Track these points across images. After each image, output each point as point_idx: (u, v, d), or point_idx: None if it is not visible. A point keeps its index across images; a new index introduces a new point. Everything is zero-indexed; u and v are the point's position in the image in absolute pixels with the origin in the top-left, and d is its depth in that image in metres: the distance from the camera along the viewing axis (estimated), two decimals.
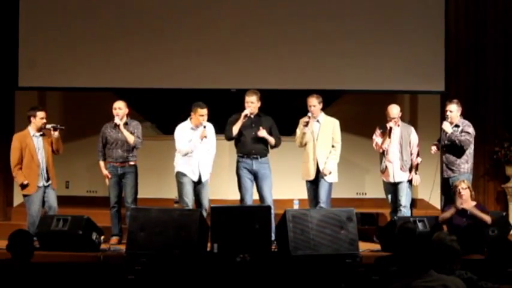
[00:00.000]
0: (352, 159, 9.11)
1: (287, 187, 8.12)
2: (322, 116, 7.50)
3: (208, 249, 6.51)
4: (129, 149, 7.50)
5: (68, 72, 8.82)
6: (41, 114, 7.35)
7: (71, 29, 8.85)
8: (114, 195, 7.51)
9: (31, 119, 7.34)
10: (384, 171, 7.61)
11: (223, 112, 7.54)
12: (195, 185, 7.31)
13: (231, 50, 8.82)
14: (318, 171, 7.37)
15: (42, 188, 7.32)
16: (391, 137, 7.49)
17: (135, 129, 7.55)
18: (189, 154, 7.24)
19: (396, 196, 7.52)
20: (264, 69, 8.79)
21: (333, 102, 9.23)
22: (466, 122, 7.51)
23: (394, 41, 8.84)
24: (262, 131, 7.31)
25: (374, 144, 7.69)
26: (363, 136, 8.79)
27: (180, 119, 7.58)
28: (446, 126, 7.39)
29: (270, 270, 6.11)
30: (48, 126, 7.39)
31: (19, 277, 4.47)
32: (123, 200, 7.54)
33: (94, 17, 8.87)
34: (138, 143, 7.51)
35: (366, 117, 9.00)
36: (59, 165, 7.81)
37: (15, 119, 8.97)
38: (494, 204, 8.97)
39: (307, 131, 7.39)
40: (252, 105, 7.34)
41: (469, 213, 6.84)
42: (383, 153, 7.61)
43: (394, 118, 7.50)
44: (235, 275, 5.95)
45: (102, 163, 7.57)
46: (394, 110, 7.54)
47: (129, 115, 7.67)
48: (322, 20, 8.84)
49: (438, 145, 7.54)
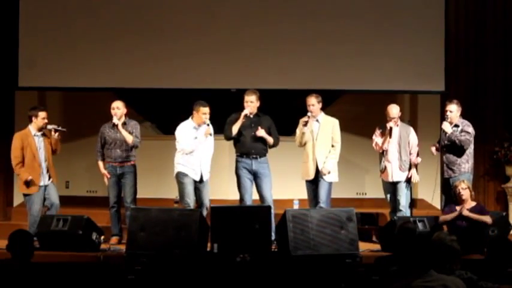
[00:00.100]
0: (352, 159, 9.11)
1: (287, 187, 8.11)
2: (322, 115, 7.50)
3: (208, 249, 6.51)
4: (128, 148, 7.50)
5: (68, 72, 8.83)
6: (42, 114, 7.36)
7: (70, 29, 8.86)
8: (113, 195, 7.51)
9: (32, 119, 7.34)
10: (383, 171, 7.61)
11: (223, 112, 7.54)
12: (196, 184, 7.30)
13: (231, 50, 8.82)
14: (317, 171, 7.37)
15: (43, 187, 7.33)
16: (391, 136, 7.50)
17: (134, 129, 7.55)
18: (191, 153, 7.23)
19: (395, 196, 7.52)
20: (264, 69, 8.79)
21: (333, 102, 9.23)
22: (465, 121, 7.51)
23: (394, 41, 8.84)
24: (260, 131, 7.31)
25: (374, 144, 7.69)
26: (363, 136, 8.78)
27: (180, 119, 7.58)
28: (446, 127, 7.39)
29: (270, 270, 6.11)
30: (50, 127, 7.39)
31: (19, 277, 4.47)
32: (123, 200, 7.54)
33: (94, 17, 8.87)
34: (136, 142, 7.51)
35: (366, 117, 9.01)
36: (59, 165, 7.81)
37: (15, 119, 8.97)
38: (494, 204, 8.97)
39: (307, 131, 7.38)
40: (251, 105, 7.35)
41: (467, 217, 6.82)
42: (382, 153, 7.61)
43: (394, 118, 7.51)
44: (235, 275, 5.95)
45: (101, 163, 7.57)
46: (394, 110, 7.55)
47: (128, 115, 7.67)
48: (322, 20, 8.84)
49: (438, 146, 7.54)
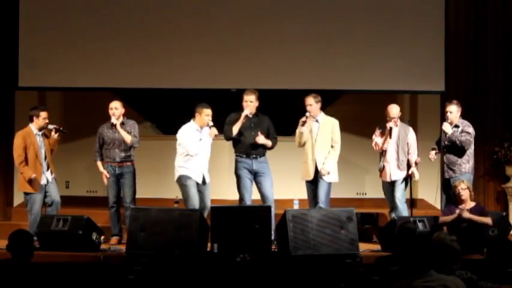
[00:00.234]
0: (352, 159, 9.11)
1: (287, 187, 8.11)
2: (322, 116, 7.49)
3: (208, 249, 6.51)
4: (127, 148, 7.49)
5: (68, 72, 8.83)
6: (44, 114, 7.37)
7: (70, 29, 8.85)
8: (112, 195, 7.50)
9: (34, 119, 7.34)
10: (382, 171, 7.61)
11: (223, 112, 7.53)
12: (199, 186, 7.27)
13: (231, 50, 8.82)
14: (316, 171, 7.36)
15: (44, 186, 7.33)
16: (391, 136, 7.50)
17: (132, 129, 7.55)
18: (195, 156, 7.21)
19: (393, 195, 7.52)
20: (264, 69, 8.79)
21: (333, 102, 9.23)
22: (465, 122, 7.51)
23: (394, 41, 8.84)
24: (260, 138, 7.31)
25: (374, 144, 7.69)
26: (363, 136, 8.78)
27: (180, 119, 7.57)
28: (447, 127, 7.39)
29: (270, 270, 6.11)
30: (51, 127, 7.40)
31: (19, 277, 4.47)
32: (122, 200, 7.53)
33: (94, 17, 8.87)
34: (135, 142, 7.51)
35: (366, 117, 9.00)
36: (59, 165, 7.81)
37: (15, 119, 8.97)
38: (494, 204, 8.98)
39: (305, 131, 7.38)
40: (251, 105, 7.35)
41: (467, 219, 6.80)
42: (382, 153, 7.61)
43: (393, 118, 7.51)
44: (235, 275, 5.95)
45: (99, 163, 7.56)
46: (394, 109, 7.55)
47: (125, 115, 7.66)
48: (322, 20, 8.84)
49: (436, 149, 7.54)
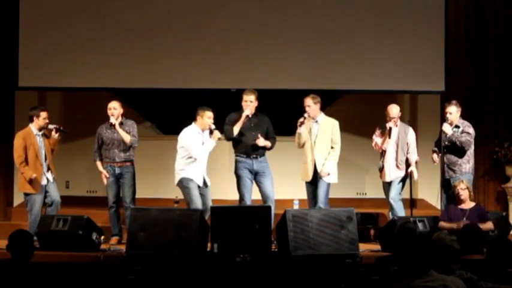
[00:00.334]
0: (352, 159, 9.11)
1: (287, 187, 8.11)
2: (322, 116, 7.48)
3: (208, 249, 6.51)
4: (126, 148, 7.49)
5: (68, 72, 8.82)
6: (44, 114, 7.37)
7: (70, 29, 8.85)
8: (112, 195, 7.50)
9: (34, 119, 7.34)
10: (381, 171, 7.61)
11: (223, 112, 7.53)
12: (200, 189, 7.27)
13: (231, 50, 8.82)
14: (316, 172, 7.36)
15: (44, 186, 7.33)
16: (390, 136, 7.50)
17: (131, 128, 7.55)
18: (200, 158, 7.22)
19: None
20: (264, 69, 8.78)
21: (333, 102, 9.23)
22: (466, 122, 7.51)
23: (394, 41, 8.84)
24: (260, 140, 7.32)
25: (374, 144, 7.69)
26: (363, 136, 8.78)
27: (179, 119, 7.58)
28: (447, 128, 7.38)
29: (270, 270, 6.11)
30: (51, 127, 7.40)
31: (19, 277, 4.47)
32: (122, 200, 7.53)
33: (94, 17, 8.87)
34: (134, 141, 7.51)
35: (366, 117, 9.01)
36: (59, 165, 7.81)
37: (15, 119, 8.98)
38: (494, 204, 8.98)
39: (303, 132, 7.37)
40: (251, 105, 7.35)
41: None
42: (382, 153, 7.61)
43: (393, 118, 7.51)
44: (235, 275, 5.95)
45: (98, 163, 7.56)
46: (393, 109, 7.55)
47: (124, 115, 7.66)
48: (322, 20, 8.84)
49: (437, 151, 7.53)
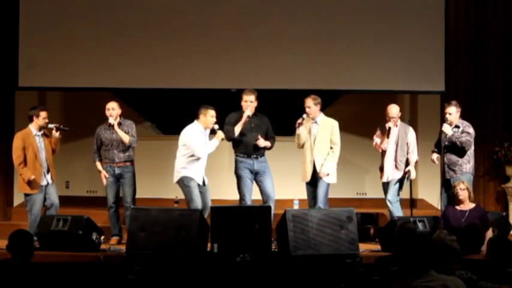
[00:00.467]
0: (352, 159, 9.11)
1: (287, 187, 8.11)
2: (321, 117, 7.47)
3: (208, 249, 6.51)
4: (125, 149, 7.49)
5: (68, 72, 8.82)
6: (43, 114, 7.37)
7: (70, 29, 8.85)
8: (111, 195, 7.50)
9: (34, 119, 7.34)
10: (382, 171, 7.61)
11: (224, 112, 7.53)
12: (200, 188, 7.27)
13: (231, 50, 8.82)
14: (315, 172, 7.35)
15: (44, 187, 7.33)
16: (389, 137, 7.50)
17: (130, 129, 7.55)
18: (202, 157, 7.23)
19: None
20: (264, 69, 8.78)
21: (333, 102, 9.23)
22: (465, 122, 7.51)
23: (394, 41, 8.84)
24: (261, 141, 7.32)
25: (374, 145, 7.69)
26: (363, 136, 8.79)
27: (179, 119, 7.57)
28: (447, 129, 7.38)
29: (270, 270, 6.11)
30: (51, 126, 7.40)
31: (19, 277, 4.47)
32: (122, 200, 7.53)
33: (94, 17, 8.87)
34: (133, 141, 7.51)
35: (366, 117, 9.01)
36: (59, 165, 7.82)
37: (15, 119, 8.98)
38: (494, 204, 8.98)
39: (302, 132, 7.37)
40: (251, 105, 7.36)
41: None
42: (383, 153, 7.61)
43: (393, 118, 7.50)
44: (235, 275, 5.95)
45: (98, 164, 7.56)
46: (393, 109, 7.54)
47: (124, 115, 7.66)
48: (322, 20, 8.84)
49: (437, 152, 7.52)
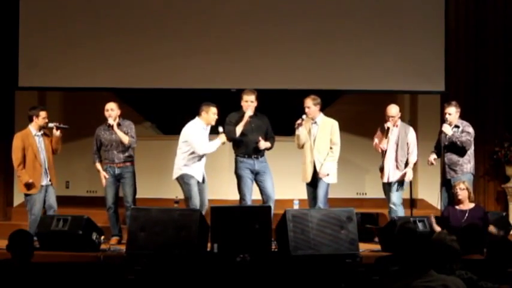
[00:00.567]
0: (352, 159, 9.11)
1: (287, 187, 8.11)
2: (321, 117, 7.47)
3: (208, 249, 6.51)
4: (125, 149, 7.49)
5: (68, 72, 8.83)
6: (43, 113, 7.38)
7: (70, 29, 8.86)
8: (110, 196, 7.50)
9: (33, 119, 7.35)
10: (382, 171, 7.61)
11: (224, 112, 7.53)
12: (199, 185, 7.29)
13: (231, 50, 8.82)
14: (315, 173, 7.34)
15: (44, 187, 7.34)
16: (387, 136, 7.49)
17: (129, 129, 7.55)
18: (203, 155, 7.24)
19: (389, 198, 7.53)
20: (264, 69, 8.79)
21: (333, 102, 9.23)
22: (465, 122, 7.51)
23: (394, 41, 8.84)
24: (261, 143, 7.32)
25: (374, 145, 7.69)
26: (363, 136, 8.79)
27: (180, 119, 7.57)
28: (447, 129, 7.38)
29: (270, 270, 6.11)
30: (51, 125, 7.40)
31: (19, 277, 4.47)
32: (122, 200, 7.53)
33: (94, 17, 8.87)
34: (132, 142, 7.51)
35: (366, 117, 9.01)
36: (59, 165, 7.81)
37: (15, 119, 8.98)
38: (494, 204, 8.98)
39: (301, 133, 7.36)
40: (251, 104, 7.36)
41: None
42: (383, 154, 7.60)
43: (392, 117, 7.48)
44: (235, 275, 5.95)
45: (98, 164, 7.56)
46: (392, 109, 7.53)
47: (123, 115, 7.66)
48: (322, 19, 8.84)
49: (435, 154, 7.51)
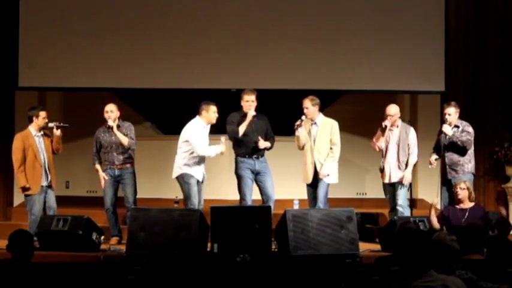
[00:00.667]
0: (352, 159, 9.11)
1: (287, 187, 8.11)
2: (321, 117, 7.46)
3: (208, 249, 6.51)
4: (125, 151, 7.49)
5: (68, 72, 8.83)
6: (43, 113, 7.38)
7: (70, 29, 8.86)
8: (109, 197, 7.50)
9: (33, 119, 7.35)
10: (382, 172, 7.60)
11: (224, 112, 7.53)
12: (197, 184, 7.30)
13: (231, 50, 8.82)
14: (316, 174, 7.34)
15: (44, 187, 7.34)
16: (385, 135, 7.47)
17: (128, 131, 7.55)
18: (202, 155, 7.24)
19: (394, 196, 7.51)
20: (264, 69, 8.79)
21: (333, 102, 9.23)
22: (464, 122, 7.51)
23: (394, 41, 8.85)
24: (261, 142, 7.32)
25: (372, 144, 7.68)
26: (363, 136, 8.78)
27: (180, 119, 7.57)
28: (447, 129, 7.38)
29: (270, 270, 6.11)
30: (51, 125, 7.40)
31: (19, 277, 4.47)
32: (123, 200, 7.53)
33: (94, 17, 8.87)
34: (132, 144, 7.51)
35: (366, 117, 9.01)
36: (59, 165, 7.82)
37: (15, 119, 8.98)
38: (494, 204, 8.97)
39: (301, 134, 7.36)
40: (253, 104, 7.36)
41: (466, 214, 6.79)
42: (383, 154, 7.60)
43: (390, 116, 7.47)
44: (235, 275, 5.95)
45: (98, 166, 7.56)
46: (392, 109, 7.52)
47: (122, 115, 7.67)
48: (322, 20, 8.84)
49: (436, 155, 7.51)
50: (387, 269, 4.76)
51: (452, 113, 7.44)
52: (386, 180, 7.53)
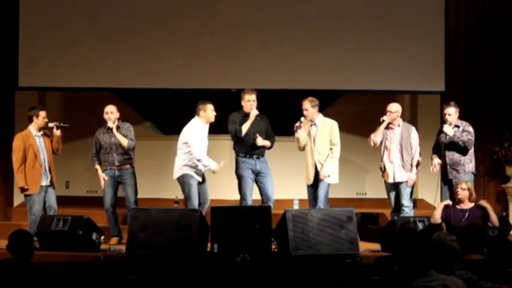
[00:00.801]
0: (352, 159, 9.11)
1: (287, 187, 8.12)
2: (320, 118, 7.44)
3: (208, 249, 6.51)
4: (124, 152, 7.49)
5: (67, 72, 8.83)
6: (43, 113, 7.37)
7: (70, 29, 8.86)
8: (109, 198, 7.49)
9: (33, 119, 7.34)
10: (384, 172, 7.59)
11: (224, 112, 7.54)
12: (198, 184, 7.30)
13: (231, 50, 8.82)
14: (316, 174, 7.33)
15: (44, 188, 7.33)
16: (380, 129, 7.45)
17: (128, 132, 7.54)
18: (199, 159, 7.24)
19: (398, 196, 7.49)
20: (264, 69, 8.79)
21: (333, 102, 9.23)
22: (464, 122, 7.51)
23: (394, 41, 8.85)
24: (259, 140, 7.32)
25: (368, 140, 7.64)
26: (363, 136, 8.75)
27: (179, 119, 7.57)
28: (448, 129, 7.37)
29: (270, 270, 6.11)
30: (51, 125, 7.40)
31: (19, 277, 4.47)
32: (124, 200, 7.53)
33: (94, 17, 8.88)
34: (132, 145, 7.50)
35: (366, 117, 8.99)
36: (59, 165, 7.81)
37: (15, 119, 8.98)
38: (494, 204, 8.96)
39: (301, 135, 7.35)
40: (254, 104, 7.36)
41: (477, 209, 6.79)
42: (382, 153, 7.58)
43: (390, 112, 7.45)
44: (235, 275, 5.95)
45: (98, 167, 7.56)
46: (393, 106, 7.52)
47: (122, 116, 7.67)
48: (322, 19, 8.84)
49: (437, 157, 7.49)
50: (387, 269, 4.76)
51: (452, 113, 7.44)
52: (391, 180, 7.50)
